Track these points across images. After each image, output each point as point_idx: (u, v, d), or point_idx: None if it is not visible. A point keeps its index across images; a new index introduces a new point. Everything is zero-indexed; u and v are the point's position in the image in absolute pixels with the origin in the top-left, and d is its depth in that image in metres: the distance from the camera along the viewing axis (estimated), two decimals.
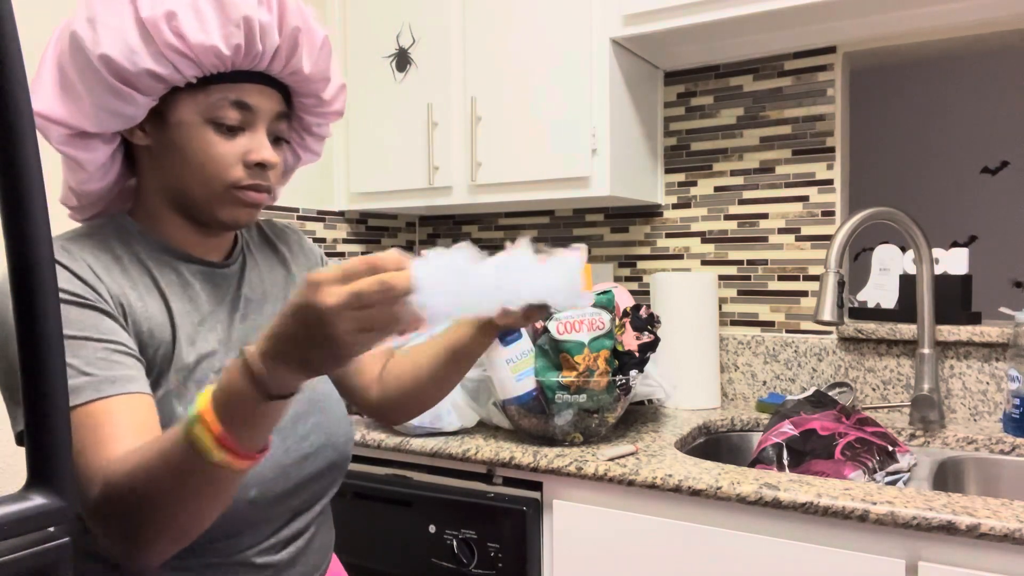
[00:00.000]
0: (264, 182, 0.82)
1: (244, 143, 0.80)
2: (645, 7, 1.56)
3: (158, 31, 0.72)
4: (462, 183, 1.83)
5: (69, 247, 0.76)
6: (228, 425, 0.59)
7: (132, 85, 0.74)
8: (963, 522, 0.98)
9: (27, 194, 0.39)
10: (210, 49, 0.74)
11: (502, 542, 1.32)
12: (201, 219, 0.83)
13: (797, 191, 1.77)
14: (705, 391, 1.74)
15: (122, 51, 0.73)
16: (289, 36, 0.79)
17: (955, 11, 1.51)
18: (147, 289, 0.79)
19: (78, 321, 0.71)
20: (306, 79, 0.84)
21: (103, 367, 0.70)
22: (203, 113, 0.78)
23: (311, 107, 0.89)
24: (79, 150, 0.80)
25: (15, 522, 0.40)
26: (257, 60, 0.78)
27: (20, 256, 0.40)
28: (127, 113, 0.77)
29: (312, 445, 0.85)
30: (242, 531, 0.80)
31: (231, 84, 0.78)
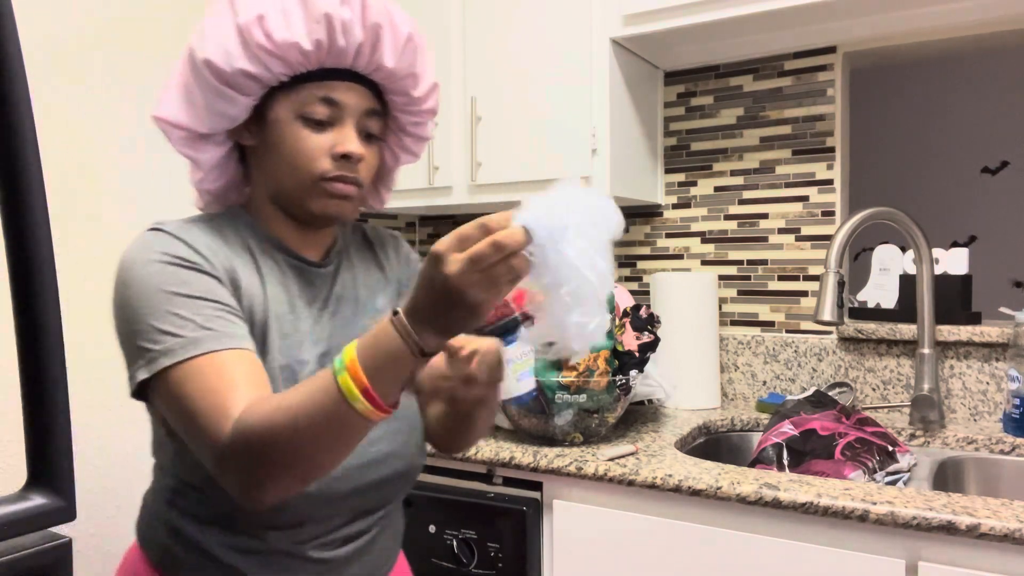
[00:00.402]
0: (350, 174, 0.84)
1: (331, 137, 0.83)
2: (645, 7, 1.56)
3: (250, 33, 0.79)
4: (462, 183, 1.83)
5: (187, 226, 0.84)
6: (373, 378, 0.65)
7: (231, 86, 0.81)
8: (963, 522, 0.98)
9: (27, 195, 0.39)
10: (293, 46, 0.79)
11: (502, 542, 1.32)
12: (297, 213, 0.87)
13: (797, 191, 1.77)
14: (705, 391, 1.74)
15: (221, 55, 0.80)
16: (371, 32, 0.81)
17: (955, 11, 1.51)
18: (251, 272, 0.85)
19: (197, 283, 0.77)
20: (391, 75, 0.86)
21: (220, 325, 0.76)
22: (295, 110, 0.83)
23: (403, 105, 0.90)
24: (195, 151, 0.88)
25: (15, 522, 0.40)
26: (341, 56, 0.82)
27: (20, 258, 0.40)
28: (230, 113, 0.83)
29: (380, 452, 0.87)
30: (303, 522, 0.83)
31: (320, 82, 0.83)
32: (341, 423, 0.66)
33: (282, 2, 0.79)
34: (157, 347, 0.74)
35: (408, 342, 0.63)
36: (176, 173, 1.68)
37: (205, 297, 0.76)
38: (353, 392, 0.64)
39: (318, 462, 0.70)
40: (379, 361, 0.65)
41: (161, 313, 0.75)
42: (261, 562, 0.83)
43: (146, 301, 0.75)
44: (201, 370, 0.72)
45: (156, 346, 0.74)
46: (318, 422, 0.66)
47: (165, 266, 0.77)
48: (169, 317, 0.74)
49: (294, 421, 0.67)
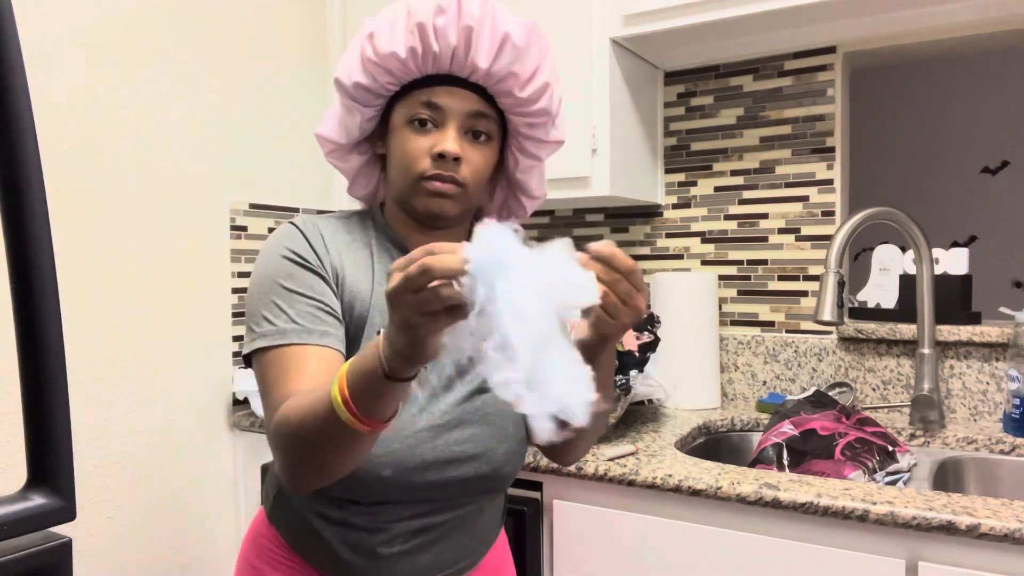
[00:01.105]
0: (447, 172, 0.88)
1: (433, 138, 0.88)
2: (645, 7, 1.56)
3: (364, 49, 0.88)
4: None
5: (316, 221, 0.93)
6: (353, 391, 0.68)
7: (352, 98, 0.91)
8: (963, 522, 0.98)
9: (27, 195, 0.39)
10: (392, 55, 0.86)
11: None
12: (410, 212, 0.93)
13: (797, 191, 1.77)
14: (705, 391, 1.74)
15: (344, 71, 0.90)
16: (463, 35, 0.86)
17: (955, 11, 1.51)
18: (363, 268, 0.92)
19: (302, 278, 0.87)
20: (489, 76, 0.88)
21: (309, 320, 0.84)
22: (404, 116, 0.90)
23: (512, 107, 0.93)
24: (339, 161, 1.00)
25: (15, 522, 0.40)
26: (439, 62, 0.87)
27: (20, 258, 0.40)
28: (356, 123, 0.93)
29: (464, 452, 0.89)
30: (379, 504, 0.88)
31: (425, 88, 0.89)
32: (335, 431, 0.70)
33: (393, 18, 0.87)
34: (257, 330, 0.85)
35: (376, 361, 0.65)
36: (176, 172, 1.68)
37: (304, 293, 0.86)
38: (339, 404, 0.68)
39: (326, 462, 0.74)
40: (359, 377, 0.67)
41: (266, 301, 0.85)
42: (341, 534, 0.89)
43: (259, 287, 0.87)
44: (280, 359, 0.82)
45: (257, 328, 0.85)
46: (317, 427, 0.71)
47: (281, 259, 0.87)
48: (270, 306, 0.85)
49: (301, 422, 0.73)
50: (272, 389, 0.82)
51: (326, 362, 0.83)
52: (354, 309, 0.89)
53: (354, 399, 0.67)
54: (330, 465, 0.74)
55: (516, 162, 0.99)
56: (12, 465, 1.38)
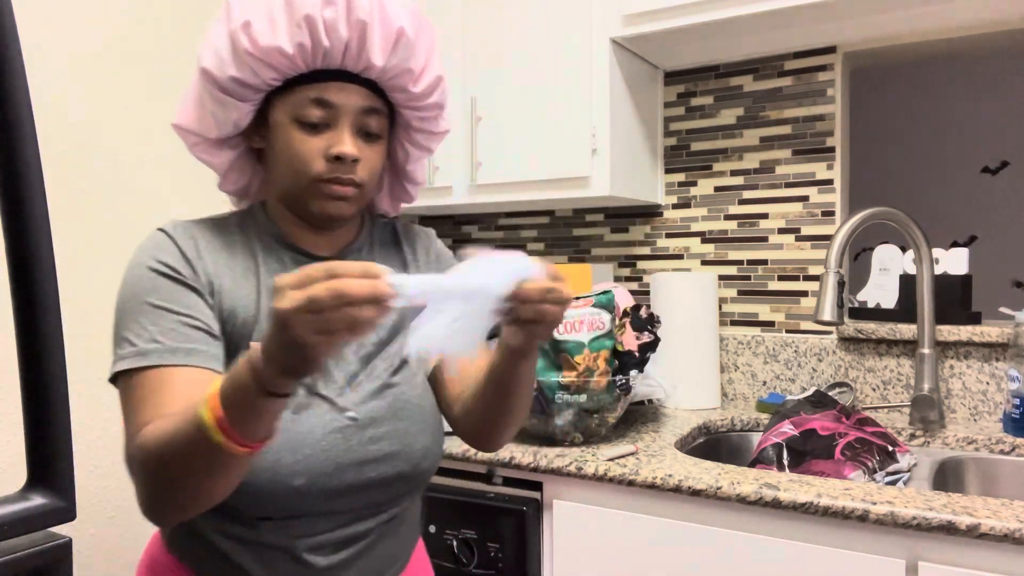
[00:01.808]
0: (346, 175, 0.83)
1: (326, 139, 0.83)
2: (645, 7, 1.56)
3: (238, 40, 0.79)
4: (462, 183, 1.83)
5: (190, 227, 0.86)
6: (228, 411, 0.63)
7: (228, 92, 0.82)
8: (963, 522, 0.98)
9: (27, 195, 0.39)
10: (276, 50, 0.79)
11: (502, 542, 1.32)
12: (301, 213, 0.88)
13: (797, 191, 1.77)
14: (705, 391, 1.74)
15: (215, 62, 0.81)
16: (356, 30, 0.80)
17: (955, 11, 1.51)
18: (246, 272, 0.86)
19: (166, 292, 0.80)
20: (384, 72, 0.84)
21: (173, 338, 0.78)
22: (290, 113, 0.83)
23: (404, 101, 0.89)
24: (208, 155, 0.91)
25: (15, 522, 0.40)
26: (329, 57, 0.81)
27: (20, 258, 0.40)
28: (231, 119, 0.85)
29: (381, 451, 0.85)
30: (294, 517, 0.82)
31: (313, 84, 0.82)
32: (207, 455, 0.65)
33: (270, 6, 0.79)
34: (118, 351, 0.78)
35: (252, 378, 0.62)
36: (176, 173, 1.68)
37: (170, 308, 0.79)
38: (207, 425, 0.63)
39: (194, 490, 0.69)
40: (234, 395, 0.63)
41: (130, 320, 0.79)
42: (255, 554, 0.82)
43: (122, 305, 0.80)
44: (142, 383, 0.76)
45: (119, 350, 0.78)
46: (184, 452, 0.66)
47: (146, 272, 0.81)
48: (133, 325, 0.78)
49: (164, 448, 0.68)
50: (132, 415, 0.75)
51: (192, 383, 0.76)
52: (236, 317, 0.83)
53: (230, 419, 0.63)
54: (198, 493, 0.69)
55: (407, 155, 0.96)
56: (12, 465, 1.38)
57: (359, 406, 0.85)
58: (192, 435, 0.65)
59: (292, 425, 0.80)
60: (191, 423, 0.65)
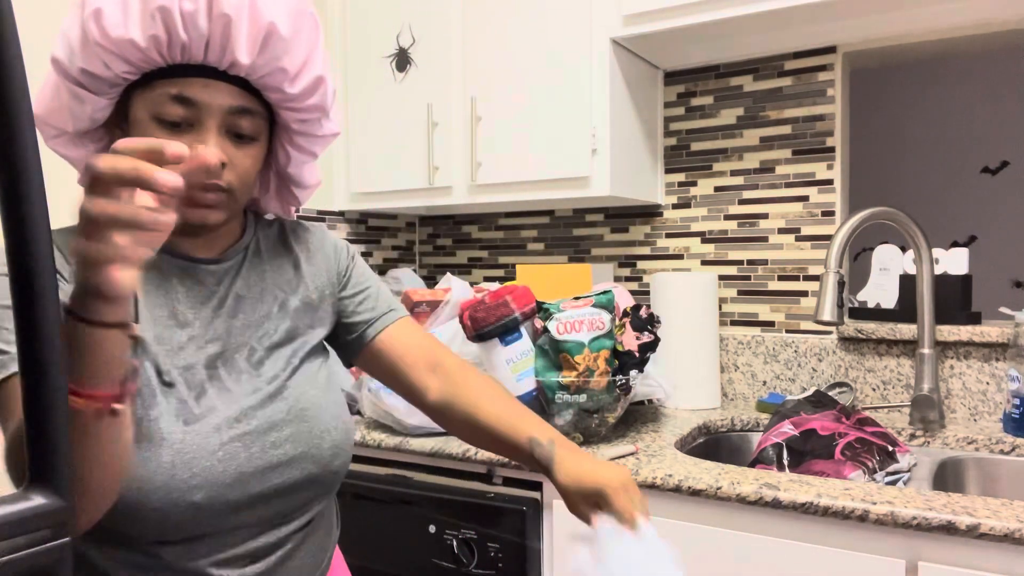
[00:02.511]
0: (209, 180, 0.76)
1: (188, 140, 0.75)
2: (645, 7, 1.56)
3: (89, 29, 0.72)
4: (462, 183, 1.83)
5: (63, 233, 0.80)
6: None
7: (79, 85, 0.75)
8: (963, 522, 0.98)
9: (27, 194, 0.39)
10: (128, 42, 0.72)
11: (502, 542, 1.32)
12: None
13: (797, 191, 1.77)
14: (705, 391, 1.74)
15: (66, 53, 0.74)
16: (218, 24, 0.73)
17: (955, 11, 1.51)
18: None
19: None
20: (252, 70, 0.76)
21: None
22: (149, 110, 0.76)
23: (280, 102, 0.81)
24: (67, 149, 0.83)
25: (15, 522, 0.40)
26: (189, 52, 0.74)
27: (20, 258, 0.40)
28: (86, 113, 0.77)
29: (285, 455, 0.81)
30: (197, 537, 0.77)
31: (174, 79, 0.75)
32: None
33: None
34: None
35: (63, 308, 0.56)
36: None
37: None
38: None
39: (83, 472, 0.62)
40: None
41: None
42: None
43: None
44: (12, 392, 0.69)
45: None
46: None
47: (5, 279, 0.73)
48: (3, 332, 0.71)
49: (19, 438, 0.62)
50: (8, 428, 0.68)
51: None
52: None
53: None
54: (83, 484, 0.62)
55: (288, 158, 0.89)
56: None
57: (255, 410, 0.80)
58: None
59: (184, 436, 0.75)
60: None
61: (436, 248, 2.33)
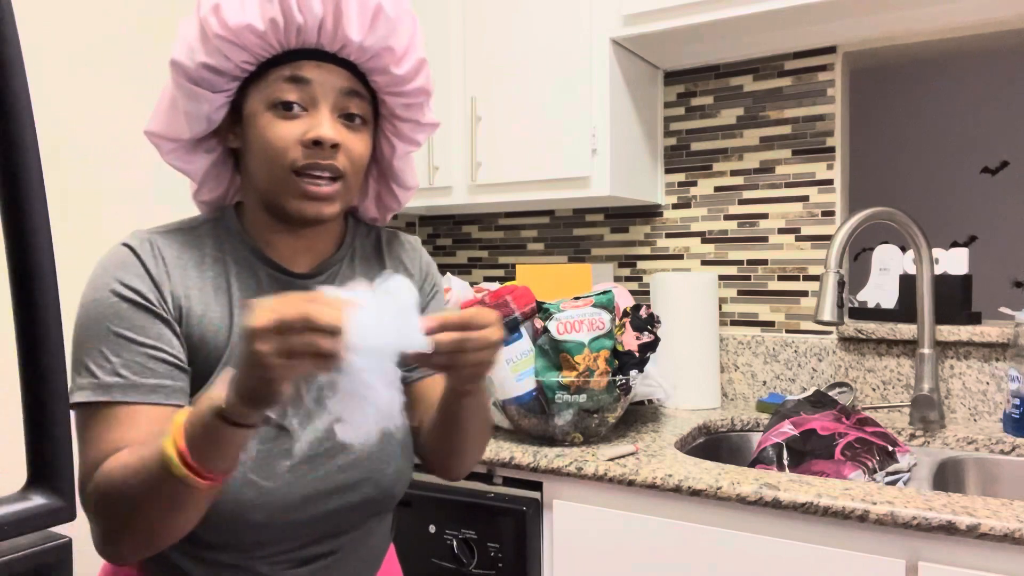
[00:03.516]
0: (324, 161, 0.77)
1: (303, 123, 0.77)
2: (645, 7, 1.56)
3: (208, 25, 0.75)
4: (462, 183, 1.83)
5: (156, 240, 0.80)
6: (191, 444, 0.62)
7: (198, 83, 0.78)
8: (963, 522, 0.98)
9: (27, 195, 0.39)
10: (247, 27, 0.74)
11: (502, 542, 1.32)
12: (280, 215, 0.82)
13: (797, 191, 1.77)
14: (705, 391, 1.74)
15: (185, 53, 0.77)
16: (331, 4, 0.75)
17: (955, 11, 1.51)
18: (216, 292, 0.81)
19: (130, 319, 0.75)
20: (362, 50, 0.78)
21: (136, 371, 0.73)
22: (264, 99, 0.78)
23: (386, 85, 0.83)
24: (183, 162, 0.85)
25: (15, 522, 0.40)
26: (304, 35, 0.76)
27: (20, 258, 0.40)
28: (203, 112, 0.80)
29: (349, 479, 0.82)
30: (255, 545, 0.79)
31: (287, 63, 0.77)
32: (169, 487, 0.63)
33: None
34: (78, 380, 0.74)
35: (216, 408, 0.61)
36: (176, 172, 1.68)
37: (134, 338, 0.74)
38: (171, 458, 0.62)
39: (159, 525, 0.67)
40: (197, 426, 0.62)
41: (91, 347, 0.74)
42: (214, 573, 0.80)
43: (83, 329, 0.75)
44: (101, 418, 0.72)
45: (78, 378, 0.74)
46: (148, 485, 0.64)
47: (109, 295, 0.76)
48: (94, 353, 0.74)
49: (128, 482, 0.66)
50: (88, 450, 0.72)
51: (155, 421, 0.72)
52: (206, 343, 0.78)
53: (193, 452, 0.61)
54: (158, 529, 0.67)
55: (393, 149, 0.90)
56: (12, 465, 1.38)
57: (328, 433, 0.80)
58: (154, 468, 0.63)
59: (256, 455, 0.76)
60: (154, 456, 0.63)
61: (436, 248, 2.33)
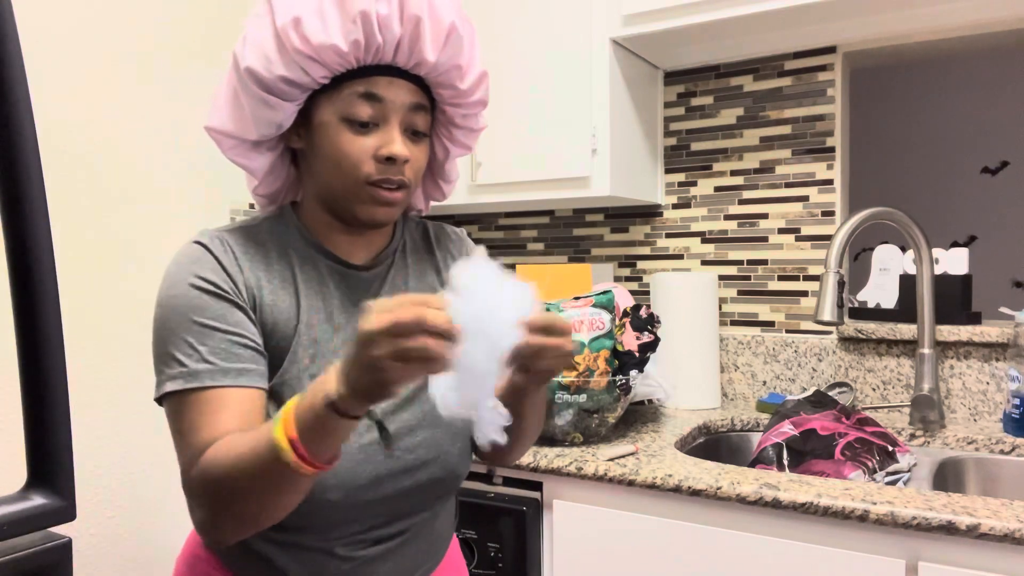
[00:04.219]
0: (396, 176, 0.82)
1: (376, 139, 0.81)
2: (645, 7, 1.56)
3: (288, 38, 0.77)
4: (462, 183, 1.83)
5: (224, 237, 0.84)
6: (302, 432, 0.65)
7: (273, 92, 0.80)
8: (963, 522, 0.98)
9: (27, 195, 0.39)
10: (331, 48, 0.76)
11: (502, 542, 1.32)
12: (345, 218, 0.86)
13: (797, 191, 1.77)
14: (705, 391, 1.74)
15: (261, 62, 0.78)
16: (409, 25, 0.78)
17: (955, 11, 1.51)
18: (283, 283, 0.85)
19: (211, 310, 0.79)
20: (434, 68, 0.82)
21: (223, 358, 0.77)
22: (338, 112, 0.81)
23: (450, 98, 0.87)
24: (245, 159, 0.88)
25: (15, 522, 0.40)
26: (380, 53, 0.79)
27: (20, 258, 0.40)
28: (276, 120, 0.82)
29: (418, 459, 0.85)
30: (333, 525, 0.83)
31: (361, 79, 0.80)
32: (277, 474, 0.66)
33: (318, 2, 0.77)
34: (167, 371, 0.77)
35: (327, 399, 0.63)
36: (177, 172, 1.68)
37: (217, 326, 0.78)
38: (281, 446, 0.65)
39: (263, 508, 0.70)
40: (307, 416, 0.65)
41: (176, 339, 0.77)
42: (292, 555, 0.83)
43: (166, 323, 0.79)
44: (195, 403, 0.76)
45: (167, 369, 0.77)
46: (257, 471, 0.67)
47: (189, 288, 0.79)
48: (180, 344, 0.77)
49: (237, 467, 0.69)
50: (188, 435, 0.75)
51: (246, 403, 0.77)
52: (277, 330, 0.82)
53: (303, 440, 0.64)
54: (263, 512, 0.70)
55: (447, 153, 0.95)
56: (12, 465, 1.38)
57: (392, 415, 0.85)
58: (264, 455, 0.66)
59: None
60: (264, 443, 0.66)
61: None
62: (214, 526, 0.73)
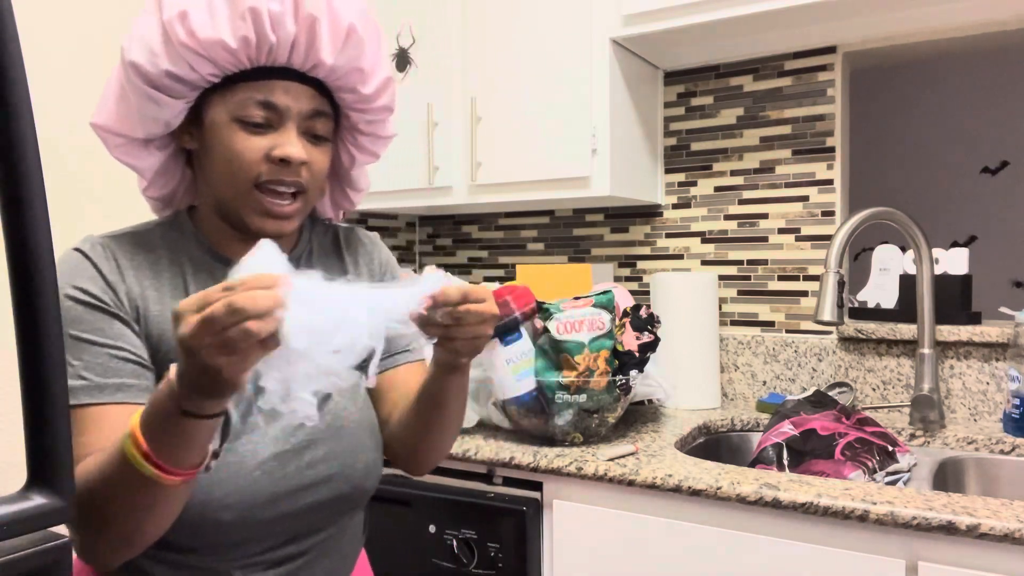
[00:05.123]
0: (290, 177, 0.78)
1: (270, 140, 0.77)
2: (645, 7, 1.56)
3: (174, 31, 0.73)
4: (462, 183, 1.83)
5: (108, 243, 0.80)
6: (153, 441, 0.61)
7: (159, 88, 0.76)
8: (963, 522, 0.98)
9: (27, 194, 0.39)
10: (218, 43, 0.73)
11: (502, 542, 1.32)
12: (235, 224, 0.82)
13: (797, 191, 1.77)
14: (705, 391, 1.74)
15: (146, 56, 0.74)
16: (304, 25, 0.75)
17: (955, 11, 1.51)
18: (174, 291, 0.80)
19: (88, 322, 0.74)
20: (332, 71, 0.79)
21: (99, 372, 0.73)
22: (230, 112, 0.77)
23: (352, 103, 0.84)
24: (133, 158, 0.83)
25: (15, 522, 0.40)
26: (275, 54, 0.75)
27: (20, 258, 0.40)
28: (162, 117, 0.78)
29: (319, 474, 0.81)
30: (230, 545, 0.78)
31: (256, 82, 0.77)
32: (141, 488, 0.62)
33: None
34: None
35: (172, 403, 0.59)
36: None
37: (94, 340, 0.74)
38: (135, 459, 0.61)
39: (138, 527, 0.66)
40: (156, 423, 0.61)
41: None
42: None
43: None
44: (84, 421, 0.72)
45: None
46: (120, 488, 0.63)
47: (64, 300, 0.75)
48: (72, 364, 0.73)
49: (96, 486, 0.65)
50: None
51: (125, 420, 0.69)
52: (165, 340, 0.77)
53: (155, 449, 0.60)
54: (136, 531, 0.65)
55: (352, 160, 0.91)
56: (12, 465, 1.38)
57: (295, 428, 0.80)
58: (121, 469, 0.62)
59: (224, 456, 0.75)
60: (118, 458, 0.62)
61: (436, 248, 2.33)
62: (91, 550, 0.68)
